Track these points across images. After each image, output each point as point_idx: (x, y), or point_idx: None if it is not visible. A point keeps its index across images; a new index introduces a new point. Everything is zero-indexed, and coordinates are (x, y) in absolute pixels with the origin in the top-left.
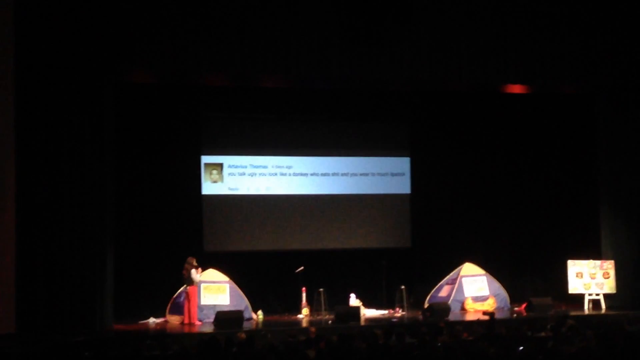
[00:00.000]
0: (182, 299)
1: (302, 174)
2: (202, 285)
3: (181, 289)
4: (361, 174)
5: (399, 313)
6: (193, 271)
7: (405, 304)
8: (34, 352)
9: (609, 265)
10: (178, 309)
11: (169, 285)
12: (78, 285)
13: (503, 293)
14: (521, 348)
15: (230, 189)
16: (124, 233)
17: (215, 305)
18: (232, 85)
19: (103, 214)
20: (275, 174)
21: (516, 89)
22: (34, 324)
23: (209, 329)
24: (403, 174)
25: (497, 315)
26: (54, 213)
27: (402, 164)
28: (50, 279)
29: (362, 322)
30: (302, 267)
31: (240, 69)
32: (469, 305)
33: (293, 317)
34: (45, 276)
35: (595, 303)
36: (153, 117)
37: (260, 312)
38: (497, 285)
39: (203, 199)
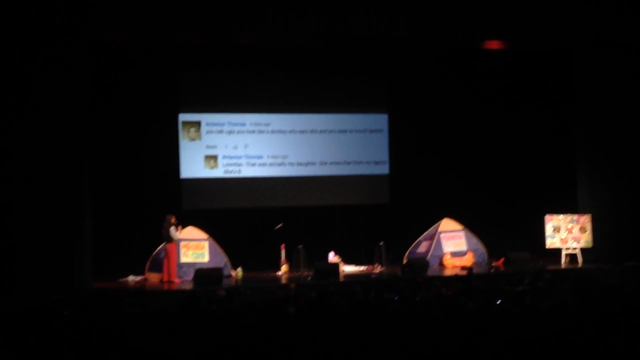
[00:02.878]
0: (161, 256)
1: (280, 131)
2: (181, 243)
3: (160, 246)
4: (339, 131)
5: (377, 269)
6: (172, 229)
7: (384, 260)
8: (13, 311)
9: (586, 220)
10: (157, 267)
11: (148, 244)
12: (56, 243)
13: (481, 248)
14: (498, 302)
15: (208, 146)
16: (102, 191)
17: (194, 263)
18: (209, 42)
19: (80, 172)
20: (254, 131)
21: (494, 45)
22: (13, 282)
23: (188, 286)
24: (381, 131)
25: (475, 270)
26: (31, 172)
27: (380, 121)
28: (28, 237)
29: (341, 279)
30: (281, 224)
31: (217, 26)
32: (448, 260)
33: (272, 274)
34: (23, 234)
35: (572, 257)
36: (129, 75)
37: (239, 269)
38: (475, 240)
39: (181, 156)
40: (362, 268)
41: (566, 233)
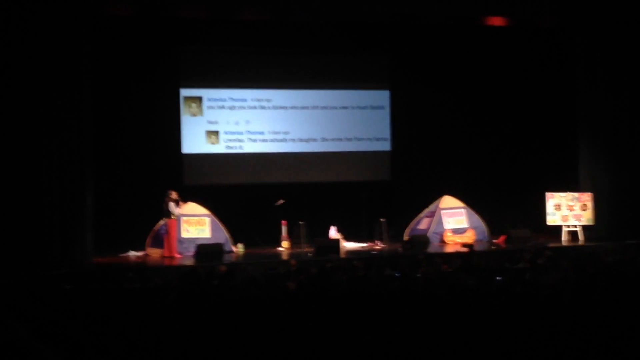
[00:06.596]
0: (162, 232)
1: (281, 107)
2: (183, 219)
3: (161, 222)
4: (341, 107)
5: (378, 246)
6: (172, 204)
7: (385, 236)
8: (14, 285)
9: (587, 197)
10: (158, 242)
11: (150, 219)
12: (58, 218)
13: (482, 225)
14: (499, 278)
15: (209, 122)
16: (104, 166)
17: (195, 239)
18: (210, 17)
19: (82, 147)
20: (255, 107)
21: (496, 21)
22: (14, 257)
23: (189, 262)
24: (383, 107)
25: (476, 248)
26: (33, 146)
27: (382, 97)
28: (29, 212)
29: (342, 255)
30: (282, 200)
31: (218, 0)
32: (449, 237)
33: (273, 250)
34: (24, 209)
35: (574, 234)
36: (131, 50)
37: (240, 245)
38: (476, 217)
39: (183, 132)
40: (363, 245)
41: (567, 210)
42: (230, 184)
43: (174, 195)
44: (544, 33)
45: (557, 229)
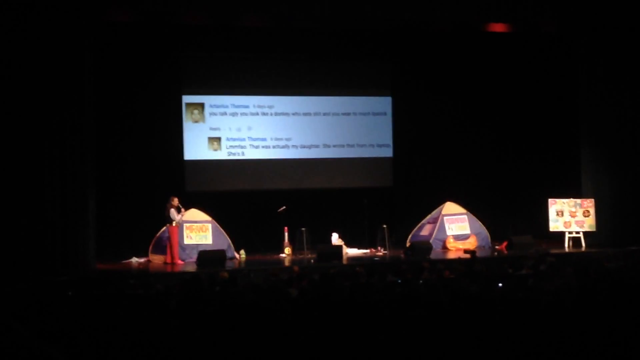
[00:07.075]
0: (164, 238)
1: (283, 114)
2: (185, 225)
3: (163, 228)
4: (343, 114)
5: (381, 252)
6: (172, 210)
7: (387, 243)
8: (17, 291)
9: (590, 204)
10: (160, 249)
11: (152, 225)
12: (61, 224)
13: (484, 232)
14: (501, 285)
15: (211, 128)
16: (106, 173)
17: (197, 245)
18: (213, 24)
19: (84, 154)
20: (257, 114)
21: (498, 27)
22: (17, 264)
23: (191, 268)
24: (385, 114)
25: (479, 254)
26: (35, 153)
27: (384, 104)
28: (32, 219)
29: (345, 261)
30: (284, 207)
31: (221, 7)
32: (451, 244)
33: (275, 257)
34: (27, 216)
35: (576, 241)
36: (133, 56)
37: (242, 252)
38: (478, 224)
39: (185, 138)
40: (365, 251)
41: (570, 217)
42: (233, 191)
43: (175, 201)
44: (546, 39)
45: (560, 235)
